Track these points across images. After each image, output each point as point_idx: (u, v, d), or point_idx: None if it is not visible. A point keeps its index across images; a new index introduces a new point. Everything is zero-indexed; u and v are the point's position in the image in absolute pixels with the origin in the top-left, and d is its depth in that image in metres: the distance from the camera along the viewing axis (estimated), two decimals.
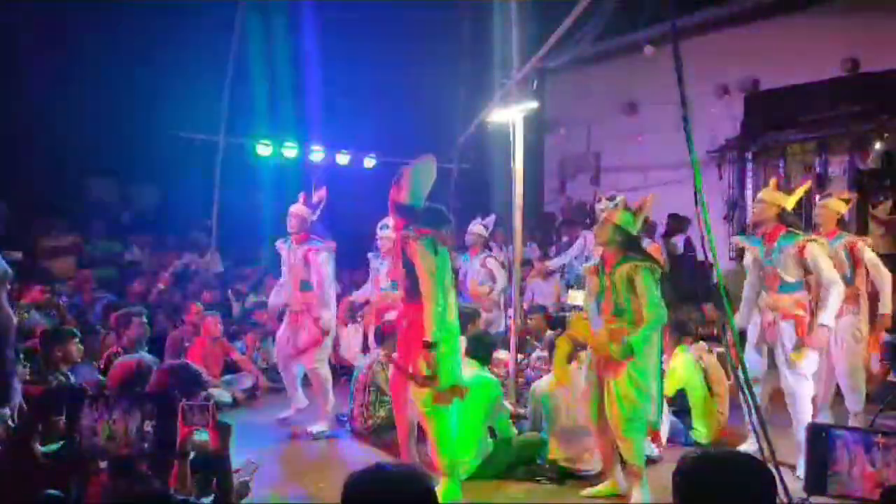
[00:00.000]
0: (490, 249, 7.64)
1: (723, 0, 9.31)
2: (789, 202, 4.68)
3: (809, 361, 4.48)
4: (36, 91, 8.51)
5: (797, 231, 4.61)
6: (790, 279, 4.54)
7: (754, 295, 4.83)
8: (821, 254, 4.50)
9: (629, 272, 3.96)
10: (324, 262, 5.45)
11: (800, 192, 4.87)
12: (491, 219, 7.25)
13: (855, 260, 5.03)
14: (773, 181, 4.92)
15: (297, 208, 5.49)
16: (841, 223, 5.22)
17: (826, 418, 5.03)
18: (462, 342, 4.91)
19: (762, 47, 8.92)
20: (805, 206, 6.46)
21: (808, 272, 4.54)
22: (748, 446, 4.66)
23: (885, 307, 5.08)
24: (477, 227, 7.08)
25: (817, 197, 5.29)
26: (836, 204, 5.12)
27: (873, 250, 5.24)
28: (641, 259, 4.03)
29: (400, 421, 4.44)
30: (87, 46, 8.62)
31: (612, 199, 5.37)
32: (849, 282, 4.94)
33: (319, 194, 5.60)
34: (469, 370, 4.56)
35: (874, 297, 5.19)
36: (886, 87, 7.88)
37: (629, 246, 4.10)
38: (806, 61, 8.52)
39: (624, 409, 3.92)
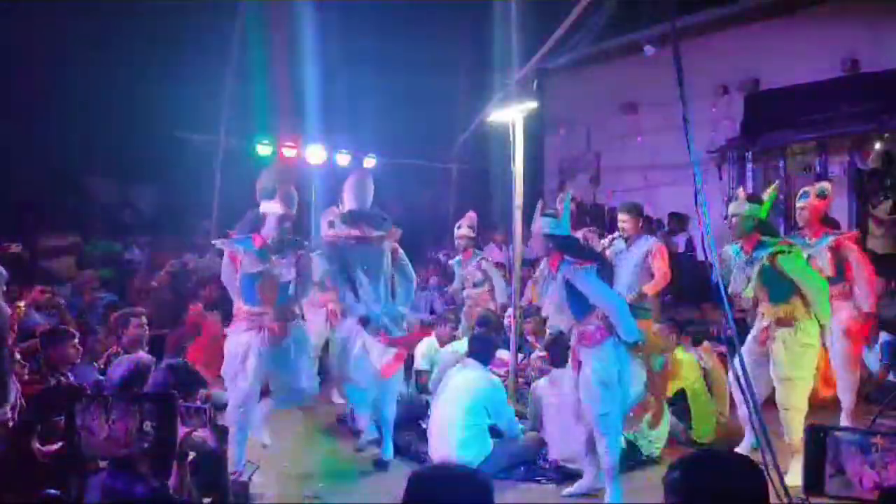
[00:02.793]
0: (482, 249, 7.61)
1: (723, 0, 9.31)
2: (763, 211, 4.59)
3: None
4: (36, 91, 8.52)
5: (770, 239, 4.52)
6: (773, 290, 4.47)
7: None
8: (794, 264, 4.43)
9: (567, 276, 3.95)
10: None
11: (769, 196, 4.76)
12: (472, 218, 7.14)
13: (842, 258, 5.01)
14: (741, 193, 4.78)
15: None
16: (826, 220, 5.20)
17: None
18: (463, 343, 4.94)
19: (762, 47, 8.92)
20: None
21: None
22: (745, 444, 4.69)
23: (864, 305, 4.98)
24: (463, 230, 6.97)
25: (800, 192, 5.21)
26: (815, 202, 5.03)
27: (872, 249, 5.23)
28: (578, 259, 3.97)
29: None
30: (87, 46, 8.63)
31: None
32: (838, 280, 4.94)
33: None
34: (471, 371, 4.58)
35: None
36: (886, 87, 7.87)
37: (563, 248, 4.05)
38: (806, 61, 8.52)
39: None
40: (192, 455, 2.63)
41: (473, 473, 1.73)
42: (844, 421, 4.97)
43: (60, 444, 2.75)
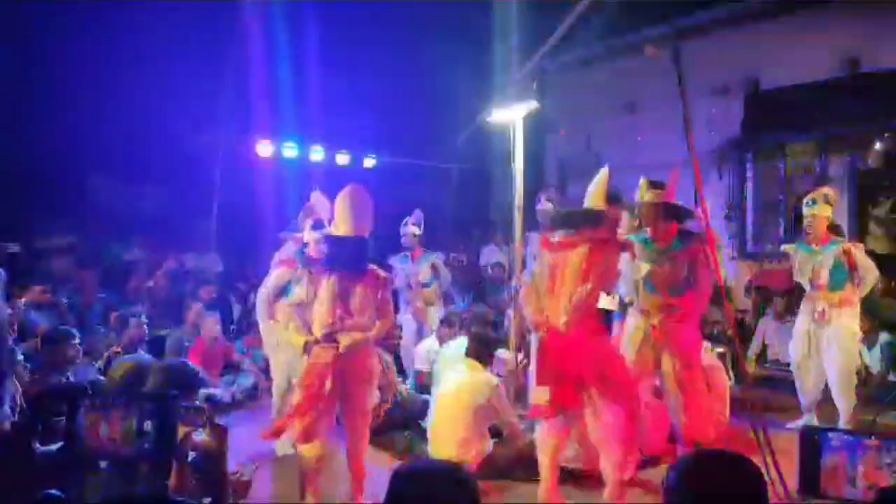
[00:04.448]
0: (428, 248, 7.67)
1: (723, 0, 9.30)
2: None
3: None
4: (37, 91, 8.53)
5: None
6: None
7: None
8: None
9: None
10: None
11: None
12: (419, 215, 7.17)
13: (850, 264, 5.07)
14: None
15: None
16: (832, 228, 5.28)
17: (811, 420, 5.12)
18: (463, 342, 4.93)
19: (762, 47, 8.91)
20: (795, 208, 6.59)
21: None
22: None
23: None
24: (410, 228, 7.03)
25: (807, 199, 5.35)
26: (824, 210, 5.26)
27: (872, 250, 5.32)
28: None
29: None
30: (87, 45, 8.63)
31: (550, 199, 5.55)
32: (842, 286, 5.00)
33: None
34: (470, 370, 4.58)
35: None
36: (886, 87, 7.86)
37: None
38: (806, 61, 8.50)
39: None
40: (192, 455, 2.63)
41: (456, 470, 1.71)
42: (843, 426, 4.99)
43: (60, 444, 2.75)
